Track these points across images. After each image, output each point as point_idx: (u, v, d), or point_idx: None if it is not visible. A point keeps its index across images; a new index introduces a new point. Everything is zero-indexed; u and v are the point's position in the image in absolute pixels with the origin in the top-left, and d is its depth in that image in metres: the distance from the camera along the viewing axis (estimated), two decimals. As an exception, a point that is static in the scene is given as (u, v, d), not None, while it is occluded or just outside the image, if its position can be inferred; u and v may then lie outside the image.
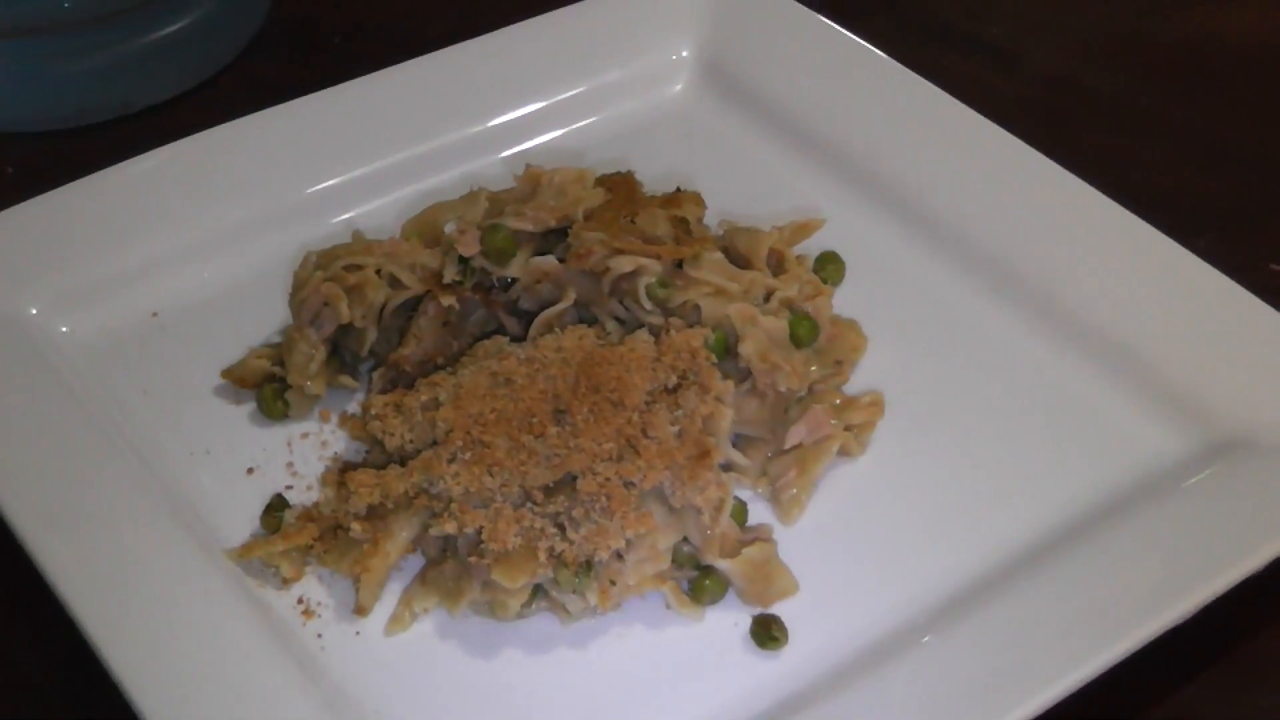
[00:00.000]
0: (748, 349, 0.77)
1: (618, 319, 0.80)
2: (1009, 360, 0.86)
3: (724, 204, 0.91)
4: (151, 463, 0.80)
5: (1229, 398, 0.81)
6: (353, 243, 0.84)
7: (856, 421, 0.81)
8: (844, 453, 0.80)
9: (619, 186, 0.85)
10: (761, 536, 0.76)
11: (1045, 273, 0.88)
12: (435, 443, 0.75)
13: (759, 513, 0.79)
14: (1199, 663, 0.75)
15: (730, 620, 0.74)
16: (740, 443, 0.80)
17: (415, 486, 0.74)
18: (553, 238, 0.82)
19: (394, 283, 0.82)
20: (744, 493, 0.79)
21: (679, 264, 0.80)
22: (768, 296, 0.82)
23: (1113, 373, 0.84)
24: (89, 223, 0.90)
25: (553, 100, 1.00)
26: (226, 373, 0.84)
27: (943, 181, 0.93)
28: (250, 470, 0.81)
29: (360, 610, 0.74)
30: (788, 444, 0.79)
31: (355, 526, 0.74)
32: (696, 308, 0.79)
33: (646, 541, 0.72)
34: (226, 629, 0.72)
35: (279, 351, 0.84)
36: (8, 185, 1.01)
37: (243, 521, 0.78)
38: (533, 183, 0.84)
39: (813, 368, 0.82)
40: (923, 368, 0.86)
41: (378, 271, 0.82)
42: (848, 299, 0.88)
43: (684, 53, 1.04)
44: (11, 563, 0.74)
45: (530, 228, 0.81)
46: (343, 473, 0.77)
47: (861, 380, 0.85)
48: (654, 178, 0.91)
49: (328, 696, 0.70)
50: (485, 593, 0.72)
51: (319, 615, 0.75)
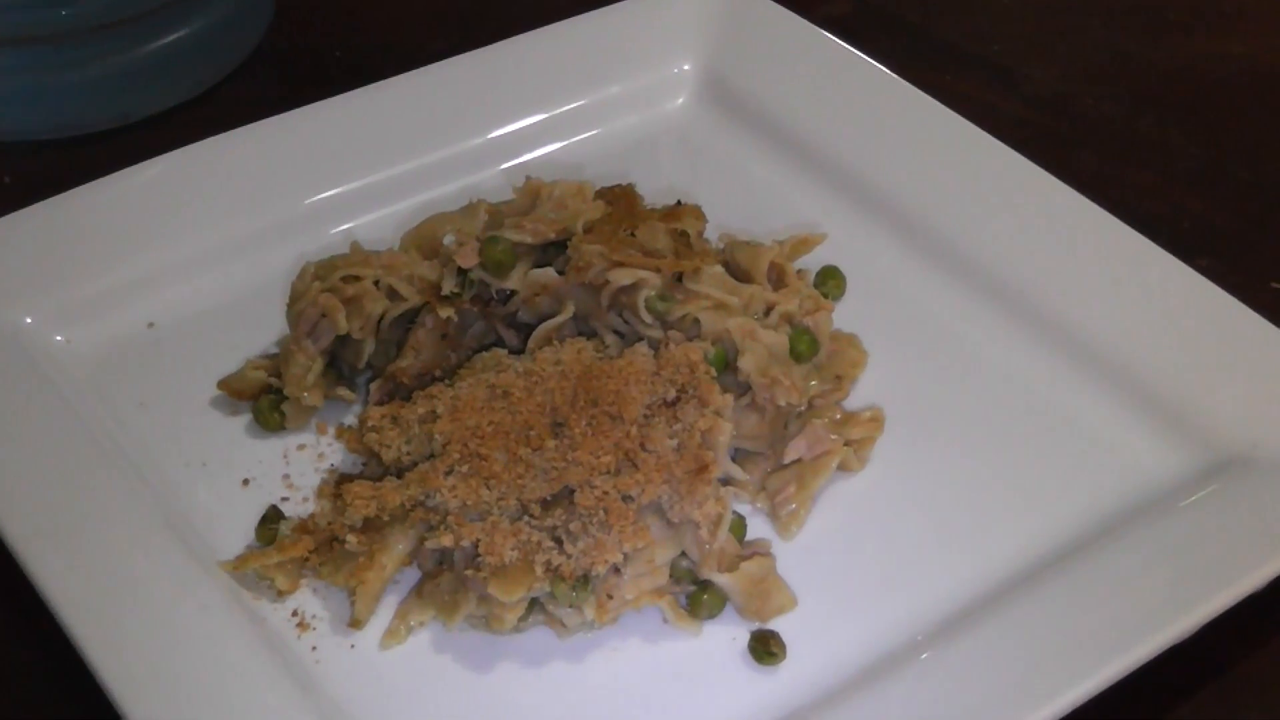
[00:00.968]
0: (747, 363, 0.77)
1: (617, 332, 0.80)
2: (1009, 376, 0.86)
3: (725, 218, 0.91)
4: (147, 474, 0.80)
5: (1229, 416, 0.81)
6: (351, 254, 0.84)
7: (856, 437, 0.80)
8: (843, 468, 0.80)
9: (619, 199, 0.85)
10: (760, 551, 0.76)
11: (1046, 288, 0.88)
12: (432, 455, 0.75)
13: (758, 527, 0.78)
14: (1196, 681, 0.75)
15: (728, 635, 0.74)
16: (739, 457, 0.80)
17: (412, 499, 0.74)
18: (552, 250, 0.82)
19: (392, 295, 0.82)
20: (743, 507, 0.79)
21: (679, 277, 0.79)
22: (768, 311, 0.81)
23: (1113, 389, 0.84)
24: (86, 232, 0.89)
25: (554, 113, 1.00)
26: (223, 384, 0.84)
27: (944, 197, 0.93)
28: (246, 482, 0.81)
29: (355, 623, 0.74)
30: (787, 459, 0.79)
31: (351, 539, 0.74)
32: (696, 321, 0.78)
33: (644, 556, 0.72)
34: (221, 641, 0.71)
35: (276, 363, 0.84)
36: (6, 194, 1.00)
37: (238, 533, 0.78)
38: (532, 195, 0.84)
39: (812, 382, 0.81)
40: (922, 383, 0.85)
41: (376, 283, 0.82)
42: (848, 314, 0.88)
43: (686, 66, 1.04)
44: (5, 573, 0.73)
45: (529, 240, 0.80)
46: (339, 485, 0.77)
47: (861, 395, 0.84)
48: (655, 191, 0.91)
49: (322, 710, 0.70)
50: (481, 606, 0.72)
51: (314, 628, 0.74)
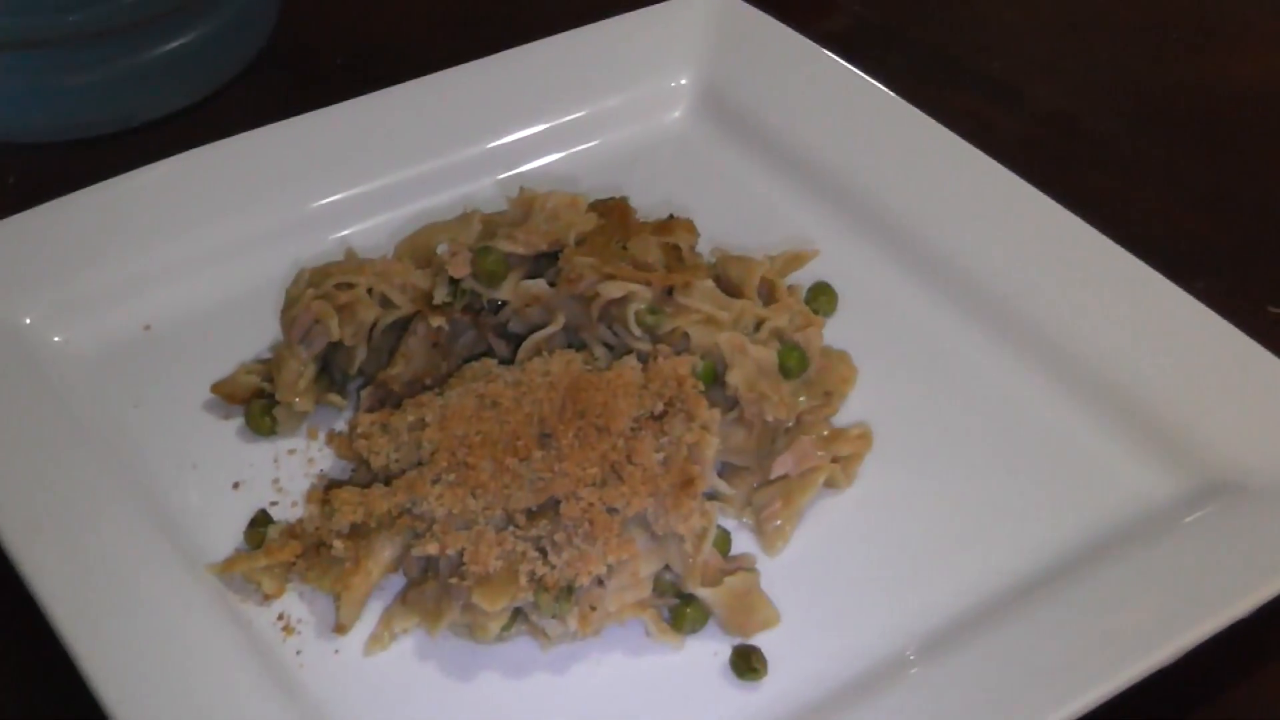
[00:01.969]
0: (735, 378, 0.77)
1: (606, 345, 0.80)
2: (1001, 396, 0.86)
3: (718, 232, 0.91)
4: (138, 475, 0.80)
5: (1222, 439, 0.81)
6: (345, 261, 0.85)
7: (844, 453, 0.81)
8: (830, 484, 0.80)
9: (612, 212, 0.85)
10: (744, 566, 0.76)
11: (1040, 309, 0.88)
12: (420, 463, 0.75)
13: (743, 542, 0.78)
14: (1186, 705, 0.75)
15: (710, 650, 0.74)
16: (726, 472, 0.80)
17: (399, 506, 0.74)
18: (544, 261, 0.82)
19: (385, 302, 0.82)
20: (728, 522, 0.79)
21: (669, 291, 0.80)
22: (758, 326, 0.82)
23: (1106, 411, 0.84)
24: (86, 234, 0.90)
25: (552, 124, 1.00)
26: (216, 387, 0.84)
27: (939, 215, 0.93)
28: (236, 485, 0.81)
29: (340, 628, 0.74)
30: (774, 474, 0.79)
31: (337, 544, 0.74)
32: (685, 335, 0.79)
33: (628, 568, 0.72)
34: (206, 643, 0.71)
35: (269, 367, 0.84)
36: (9, 195, 1.01)
37: (227, 536, 0.78)
38: (526, 206, 0.84)
39: (801, 398, 0.82)
40: (913, 401, 0.86)
41: (369, 291, 0.82)
42: (839, 331, 0.88)
43: (683, 80, 1.04)
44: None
45: (522, 251, 0.81)
46: (327, 490, 0.78)
47: (851, 412, 0.85)
48: (649, 204, 0.92)
49: (305, 714, 0.70)
50: (465, 615, 0.72)
51: (299, 632, 0.74)
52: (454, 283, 0.80)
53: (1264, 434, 0.81)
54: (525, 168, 0.99)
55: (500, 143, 0.99)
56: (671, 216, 0.86)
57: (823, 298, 0.90)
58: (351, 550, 0.74)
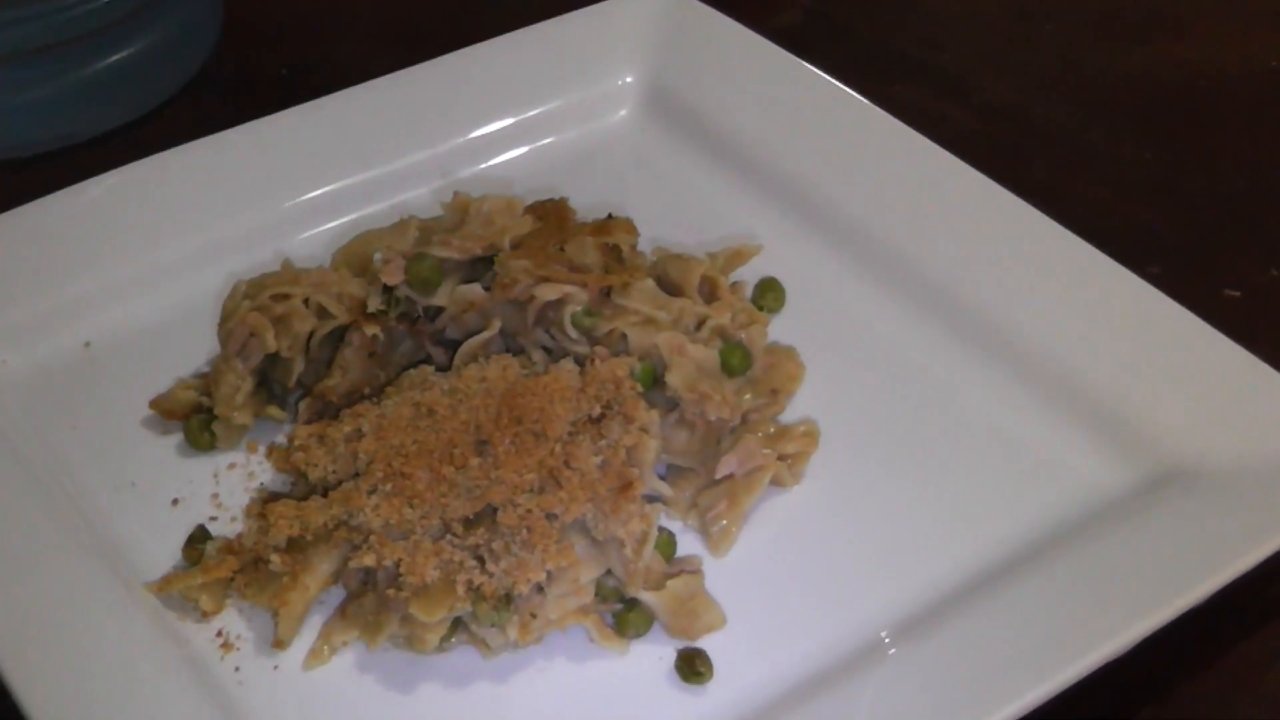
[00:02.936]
0: (674, 379, 0.76)
1: (544, 348, 0.79)
2: (951, 389, 0.85)
3: (665, 231, 0.91)
4: (75, 497, 0.79)
5: (1176, 426, 0.80)
6: (281, 272, 0.84)
7: (790, 452, 0.79)
8: (777, 483, 0.79)
9: (550, 214, 0.84)
10: (688, 569, 0.75)
11: (987, 298, 0.87)
12: (357, 474, 0.74)
13: (689, 544, 0.77)
14: (1133, 704, 0.74)
15: (655, 654, 0.73)
16: (671, 473, 0.79)
17: (335, 519, 0.73)
18: (480, 266, 0.81)
19: (322, 313, 0.81)
20: (674, 524, 0.78)
21: (607, 292, 0.79)
22: (700, 325, 0.81)
23: (1058, 401, 0.83)
24: (24, 254, 0.89)
25: (493, 128, 1.00)
26: (154, 403, 0.83)
27: (888, 208, 0.92)
28: (175, 502, 0.80)
29: (279, 644, 0.73)
30: (718, 474, 0.78)
31: (275, 559, 0.73)
32: (623, 337, 0.78)
33: (568, 575, 0.71)
34: (142, 663, 0.70)
35: (207, 382, 0.83)
36: None
37: (166, 554, 0.77)
38: (461, 211, 0.83)
39: (746, 397, 0.81)
40: (861, 397, 0.85)
41: (305, 301, 0.81)
42: (787, 327, 0.88)
43: (629, 79, 1.04)
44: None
45: (456, 256, 0.80)
46: (265, 505, 0.76)
47: (800, 409, 0.84)
48: (594, 205, 0.90)
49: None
50: (404, 626, 0.71)
51: (238, 648, 0.73)
52: (389, 290, 0.79)
53: (1218, 418, 0.80)
54: (466, 173, 0.97)
55: (440, 149, 0.98)
56: (610, 216, 0.85)
57: (770, 294, 0.89)
58: (289, 565, 0.73)
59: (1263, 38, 1.20)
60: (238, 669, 0.72)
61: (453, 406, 0.75)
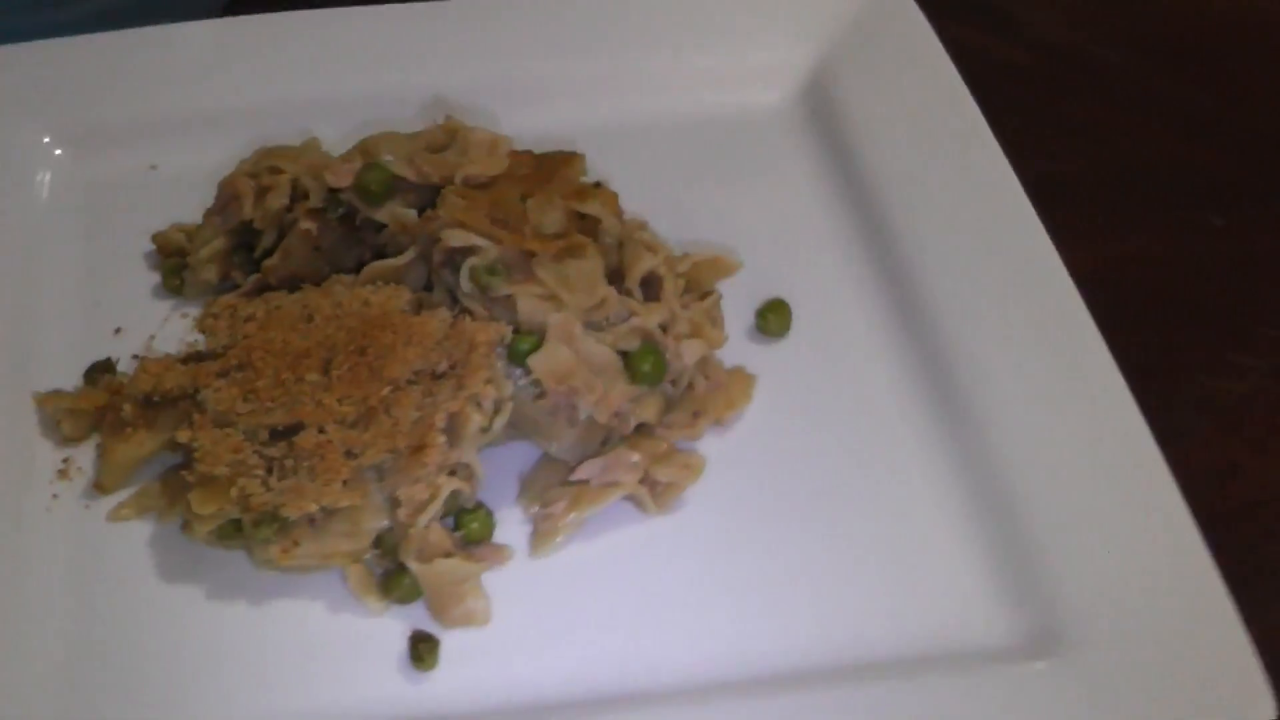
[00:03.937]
0: (537, 362, 0.72)
1: (451, 294, 0.76)
2: (891, 472, 0.77)
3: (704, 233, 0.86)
4: (34, 291, 0.84)
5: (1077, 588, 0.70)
6: (298, 148, 0.84)
7: (663, 479, 0.73)
8: (640, 507, 0.74)
9: (549, 165, 0.80)
10: (478, 556, 0.71)
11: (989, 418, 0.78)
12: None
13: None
14: None
15: (406, 629, 0.70)
16: (544, 460, 0.75)
17: (183, 389, 0.73)
18: (435, 194, 0.78)
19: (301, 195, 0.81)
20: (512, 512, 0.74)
21: (531, 257, 0.74)
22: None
23: (985, 529, 0.73)
24: (114, 69, 0.93)
25: (631, 65, 0.96)
26: (156, 236, 0.86)
27: (962, 282, 0.83)
28: (118, 330, 0.83)
29: (99, 486, 0.75)
30: (575, 476, 0.73)
31: (126, 408, 0.75)
32: (514, 304, 0.73)
33: (349, 515, 0.69)
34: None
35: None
36: None
37: (77, 374, 0.80)
38: (449, 136, 0.81)
39: (651, 407, 0.75)
40: (805, 447, 0.78)
41: (296, 182, 0.81)
42: (781, 356, 0.81)
43: (796, 61, 0.97)
44: None
45: (411, 177, 0.77)
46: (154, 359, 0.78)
47: (738, 440, 0.78)
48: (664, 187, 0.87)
49: (23, 546, 0.72)
50: (185, 510, 0.71)
51: (71, 480, 0.75)
52: (334, 191, 0.78)
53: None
54: (568, 115, 0.93)
55: (545, 74, 0.95)
56: (598, 184, 0.80)
57: (772, 316, 0.82)
58: (135, 418, 0.74)
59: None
60: (55, 496, 0.75)
61: (326, 319, 0.74)
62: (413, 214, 0.77)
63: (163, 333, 0.83)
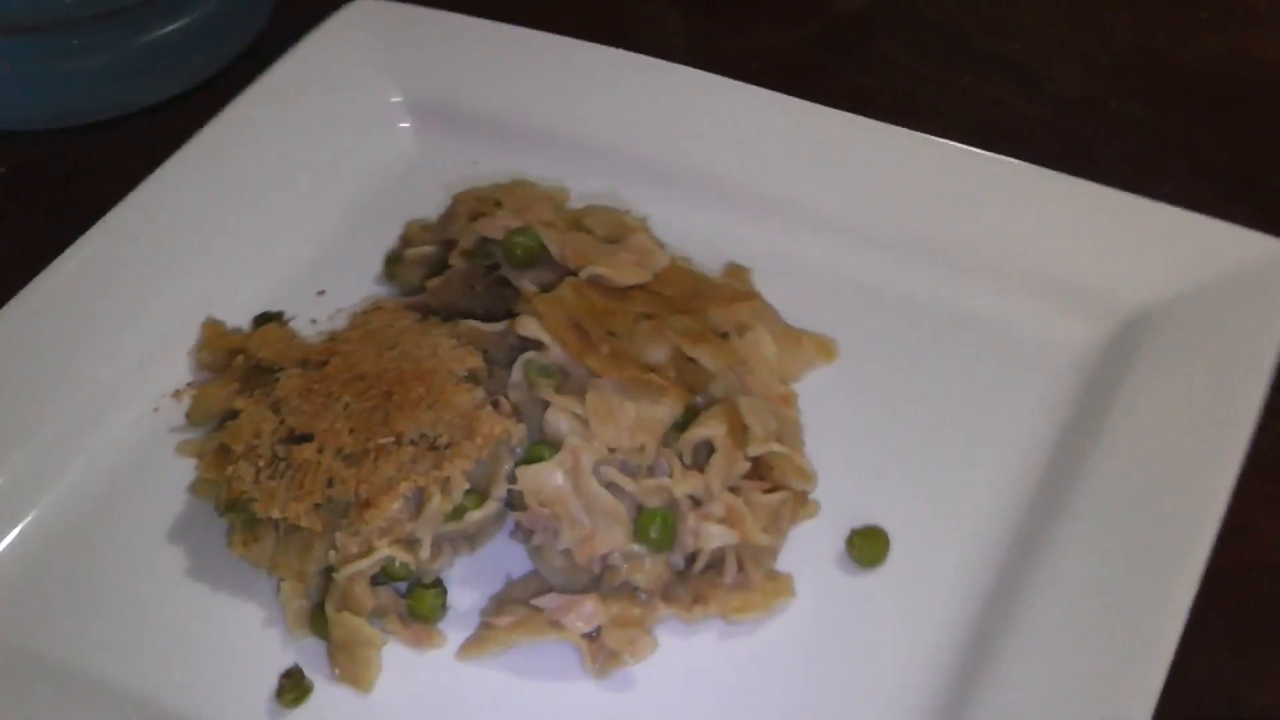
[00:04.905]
0: (526, 475, 0.70)
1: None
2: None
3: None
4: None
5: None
6: (509, 185, 0.86)
7: (610, 645, 0.70)
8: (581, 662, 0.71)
9: (707, 291, 0.78)
10: (403, 630, 0.72)
11: None
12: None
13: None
14: None
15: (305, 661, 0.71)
16: (531, 576, 0.74)
17: (275, 364, 0.78)
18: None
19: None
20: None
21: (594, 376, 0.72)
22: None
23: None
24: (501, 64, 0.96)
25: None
26: (409, 223, 0.91)
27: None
28: (321, 293, 0.88)
29: (188, 416, 0.80)
30: (535, 600, 0.71)
31: (239, 359, 0.81)
32: (545, 409, 0.72)
33: (305, 538, 0.72)
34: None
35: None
36: (2, 184, 1.01)
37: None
38: (623, 230, 0.80)
39: (650, 572, 0.71)
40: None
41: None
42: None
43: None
44: None
45: (553, 253, 0.77)
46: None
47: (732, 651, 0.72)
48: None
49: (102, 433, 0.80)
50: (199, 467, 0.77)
51: (180, 402, 0.82)
52: (486, 240, 0.79)
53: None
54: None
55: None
56: (726, 335, 0.76)
57: (862, 543, 0.74)
58: (239, 371, 0.80)
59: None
60: (156, 410, 0.81)
61: (399, 353, 0.76)
62: (534, 289, 0.77)
63: (349, 311, 0.86)
